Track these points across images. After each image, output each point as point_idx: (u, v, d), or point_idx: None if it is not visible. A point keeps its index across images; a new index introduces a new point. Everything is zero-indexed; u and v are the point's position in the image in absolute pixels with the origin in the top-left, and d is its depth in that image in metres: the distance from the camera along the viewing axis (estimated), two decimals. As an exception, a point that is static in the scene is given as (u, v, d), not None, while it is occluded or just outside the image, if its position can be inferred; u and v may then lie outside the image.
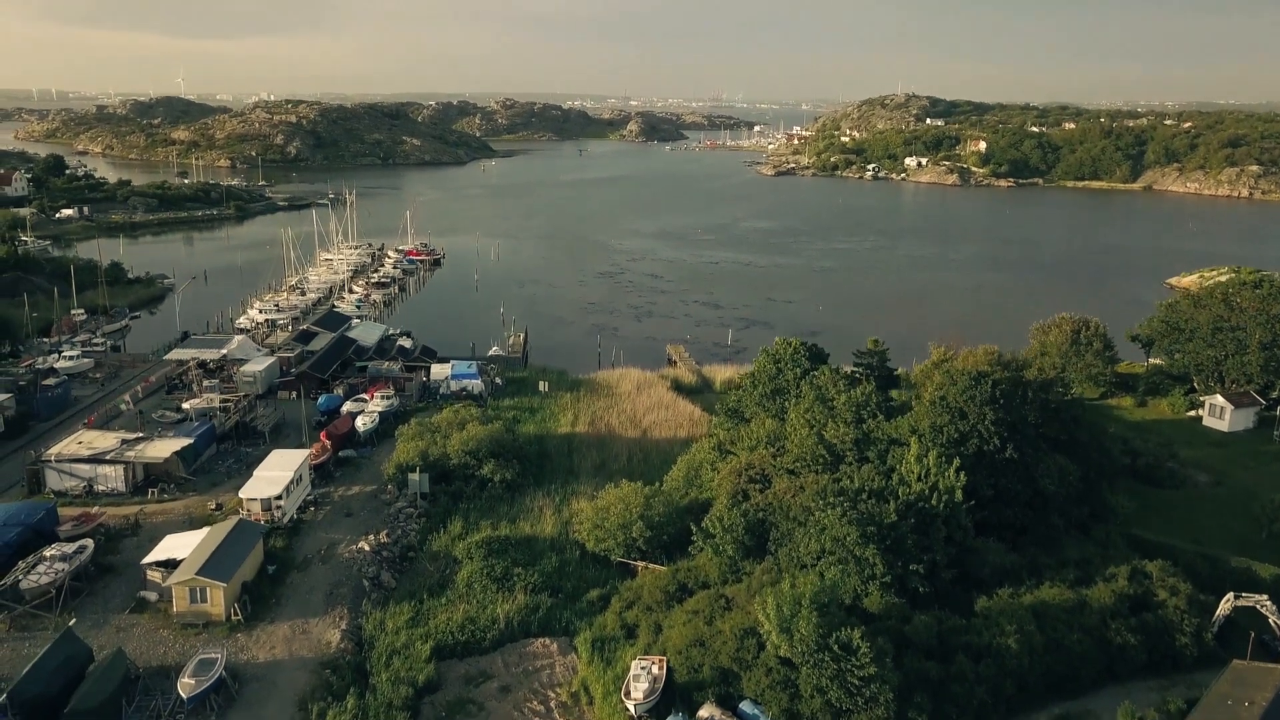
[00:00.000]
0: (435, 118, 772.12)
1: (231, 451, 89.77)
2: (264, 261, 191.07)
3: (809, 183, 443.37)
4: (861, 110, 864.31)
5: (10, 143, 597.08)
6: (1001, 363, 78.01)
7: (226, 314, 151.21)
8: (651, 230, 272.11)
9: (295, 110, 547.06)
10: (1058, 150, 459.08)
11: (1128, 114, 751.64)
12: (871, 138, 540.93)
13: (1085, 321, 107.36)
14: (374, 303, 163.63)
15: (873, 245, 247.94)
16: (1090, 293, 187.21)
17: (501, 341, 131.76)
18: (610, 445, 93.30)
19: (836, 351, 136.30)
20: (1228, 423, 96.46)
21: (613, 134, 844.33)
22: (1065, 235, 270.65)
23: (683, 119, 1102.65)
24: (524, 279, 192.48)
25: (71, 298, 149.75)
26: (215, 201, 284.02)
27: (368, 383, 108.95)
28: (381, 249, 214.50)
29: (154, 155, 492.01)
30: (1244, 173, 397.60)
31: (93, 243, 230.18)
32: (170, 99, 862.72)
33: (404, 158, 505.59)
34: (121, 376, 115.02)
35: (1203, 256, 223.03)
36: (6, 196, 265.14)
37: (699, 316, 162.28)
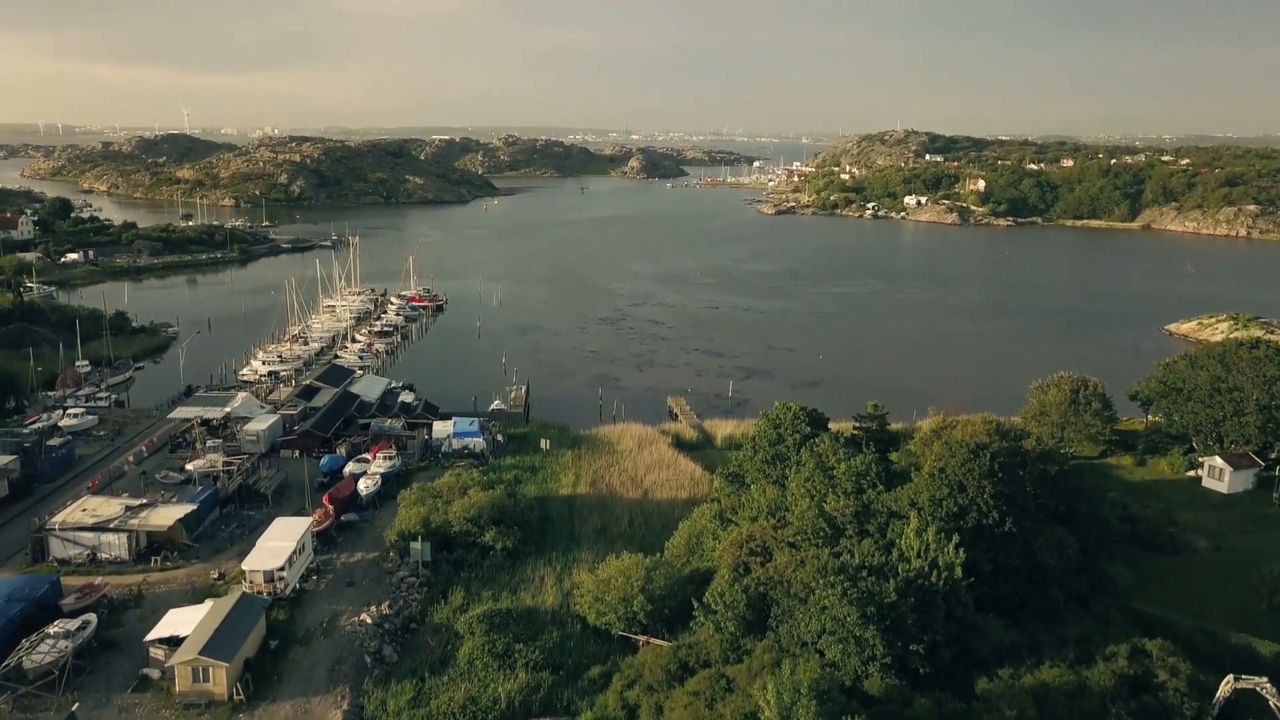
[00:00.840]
0: (438, 155, 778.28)
1: (234, 515, 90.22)
2: (267, 308, 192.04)
3: (809, 222, 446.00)
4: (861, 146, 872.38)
5: (16, 181, 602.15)
6: (1000, 432, 78.58)
7: (230, 364, 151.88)
8: (652, 272, 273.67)
9: (299, 149, 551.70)
10: (1056, 189, 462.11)
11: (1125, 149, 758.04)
12: (871, 175, 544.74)
13: (1084, 381, 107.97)
14: (376, 352, 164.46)
15: (872, 289, 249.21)
16: (1089, 339, 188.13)
17: (503, 395, 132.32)
18: (611, 507, 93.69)
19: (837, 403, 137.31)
20: (1227, 484, 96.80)
21: (614, 170, 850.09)
22: (1064, 278, 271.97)
23: (683, 154, 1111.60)
24: (526, 326, 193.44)
25: (76, 348, 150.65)
26: (219, 244, 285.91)
27: (370, 441, 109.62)
28: (384, 294, 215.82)
29: (159, 194, 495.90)
30: (1242, 212, 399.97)
31: (98, 288, 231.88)
32: (175, 135, 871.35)
33: (407, 196, 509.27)
34: (125, 433, 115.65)
35: (1201, 301, 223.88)
36: (13, 240, 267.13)
37: (699, 365, 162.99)
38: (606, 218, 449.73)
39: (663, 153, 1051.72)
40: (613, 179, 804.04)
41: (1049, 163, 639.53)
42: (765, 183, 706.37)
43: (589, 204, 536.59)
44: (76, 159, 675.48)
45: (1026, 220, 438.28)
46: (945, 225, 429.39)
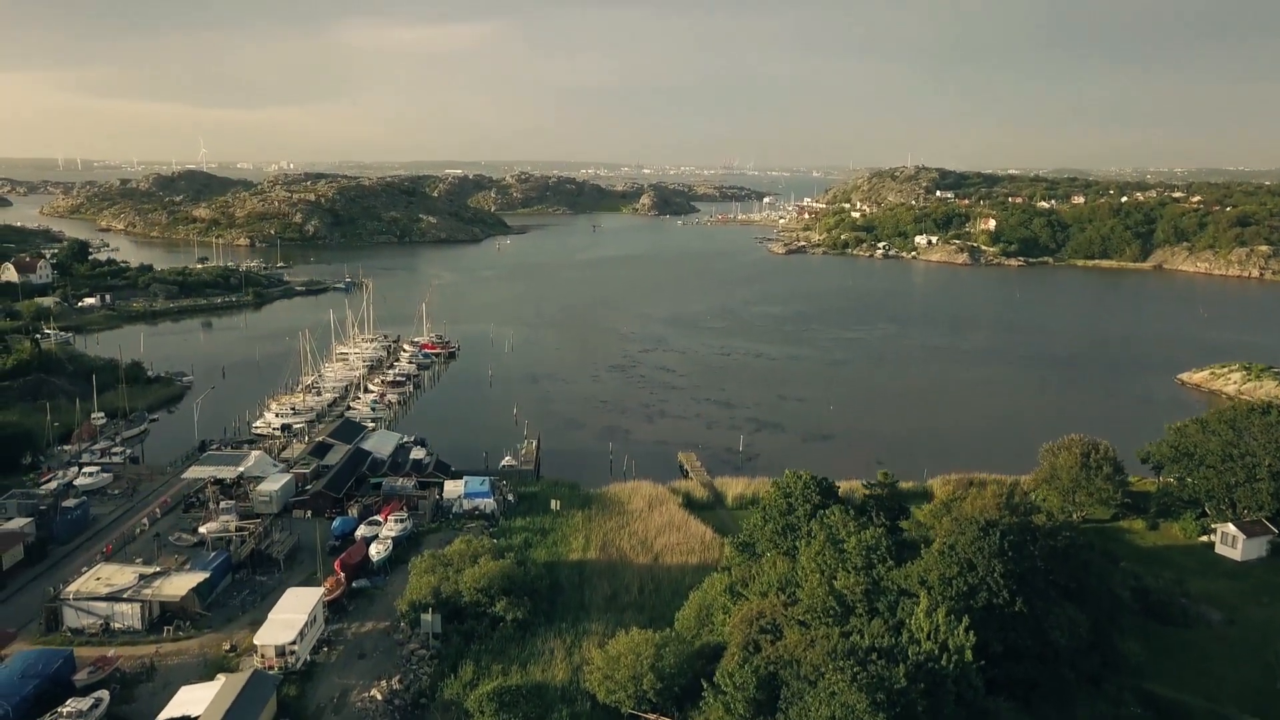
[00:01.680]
0: (451, 192, 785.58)
1: (247, 581, 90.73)
2: (281, 355, 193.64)
3: (820, 262, 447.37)
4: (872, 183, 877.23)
5: (36, 219, 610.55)
6: (1010, 505, 78.54)
7: (244, 417, 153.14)
8: (663, 315, 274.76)
9: (314, 188, 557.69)
10: (1067, 228, 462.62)
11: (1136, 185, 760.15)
12: (882, 214, 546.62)
13: (1094, 444, 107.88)
14: (389, 403, 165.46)
15: (883, 334, 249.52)
16: (1101, 389, 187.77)
17: (514, 451, 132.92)
18: (622, 573, 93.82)
19: (848, 458, 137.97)
20: (1240, 552, 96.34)
21: (625, 207, 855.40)
22: (1075, 323, 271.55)
23: (694, 190, 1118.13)
24: (538, 373, 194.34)
25: (92, 399, 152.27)
26: (234, 287, 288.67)
27: (382, 502, 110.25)
28: (397, 341, 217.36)
29: (175, 234, 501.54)
30: (1254, 253, 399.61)
31: (114, 333, 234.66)
32: (192, 172, 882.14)
33: (420, 235, 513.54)
34: (140, 491, 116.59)
35: (1213, 348, 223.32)
36: (32, 284, 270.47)
37: (710, 417, 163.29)
38: (618, 257, 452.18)
39: (674, 189, 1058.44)
40: (624, 216, 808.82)
41: (1060, 199, 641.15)
42: (776, 220, 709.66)
43: (601, 242, 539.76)
44: (95, 197, 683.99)
45: (1038, 260, 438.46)
46: (956, 265, 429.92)
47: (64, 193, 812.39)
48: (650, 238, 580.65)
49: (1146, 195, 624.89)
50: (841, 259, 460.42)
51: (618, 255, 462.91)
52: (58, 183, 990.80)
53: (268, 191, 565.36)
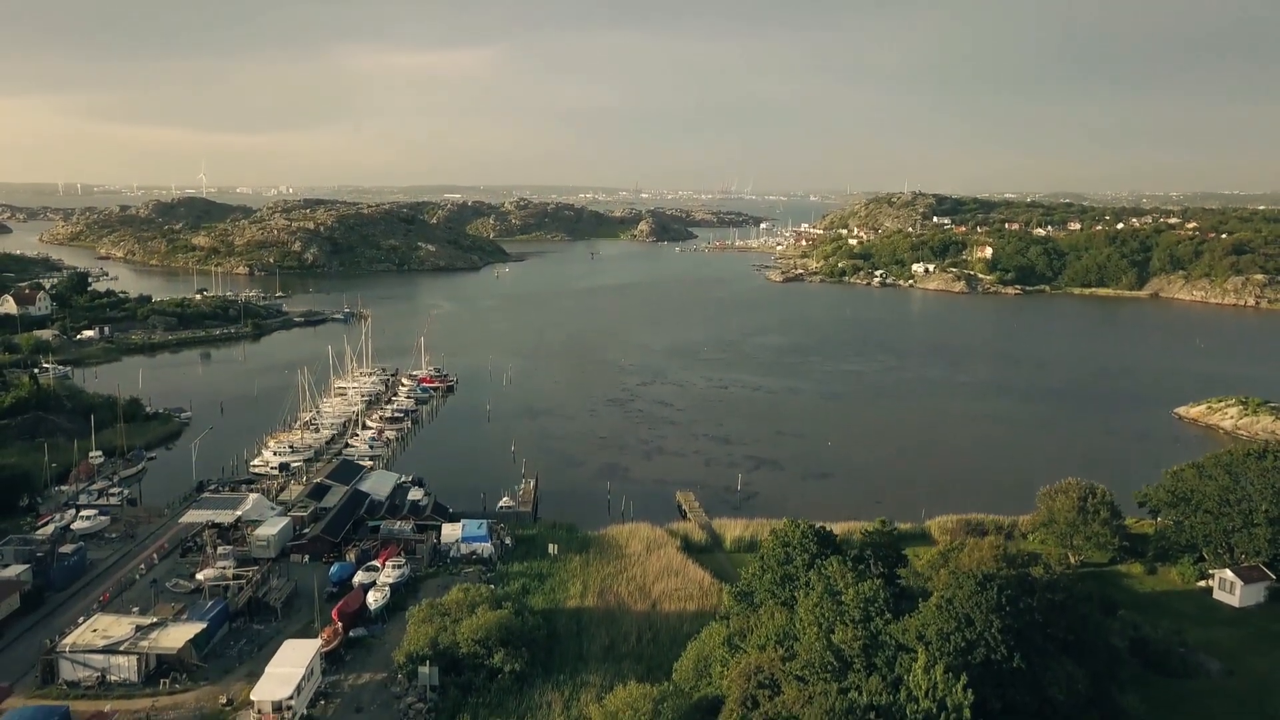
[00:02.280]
0: (450, 218, 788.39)
1: (244, 630, 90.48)
2: (279, 389, 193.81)
3: (817, 290, 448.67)
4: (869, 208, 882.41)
5: (36, 246, 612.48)
6: (1007, 558, 78.61)
7: (242, 456, 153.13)
8: (661, 346, 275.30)
9: (313, 216, 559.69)
10: (1064, 256, 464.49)
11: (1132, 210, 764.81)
12: (879, 242, 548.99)
13: (1092, 488, 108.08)
14: (387, 440, 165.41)
15: (881, 366, 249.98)
16: (1097, 424, 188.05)
17: (512, 492, 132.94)
18: (620, 621, 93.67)
19: (846, 497, 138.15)
20: (1238, 598, 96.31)
21: (624, 233, 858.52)
22: (1072, 354, 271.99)
23: (692, 215, 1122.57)
24: (536, 408, 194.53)
25: (90, 437, 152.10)
26: (233, 318, 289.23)
27: (380, 546, 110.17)
28: (395, 374, 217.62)
29: (174, 261, 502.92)
30: (1249, 281, 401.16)
31: (113, 366, 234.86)
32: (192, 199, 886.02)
33: (419, 264, 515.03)
34: (137, 535, 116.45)
35: (1210, 381, 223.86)
36: (30, 316, 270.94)
37: (708, 454, 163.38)
38: (616, 285, 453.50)
39: (671, 214, 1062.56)
40: (622, 242, 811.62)
41: (1056, 225, 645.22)
42: (774, 246, 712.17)
43: (599, 270, 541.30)
44: (94, 224, 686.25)
45: (1034, 289, 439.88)
46: (953, 294, 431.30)
47: (63, 219, 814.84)
48: (648, 265, 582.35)
49: (1142, 221, 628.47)
50: (839, 287, 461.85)
51: (616, 283, 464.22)
52: (57, 209, 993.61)
53: (267, 219, 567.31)
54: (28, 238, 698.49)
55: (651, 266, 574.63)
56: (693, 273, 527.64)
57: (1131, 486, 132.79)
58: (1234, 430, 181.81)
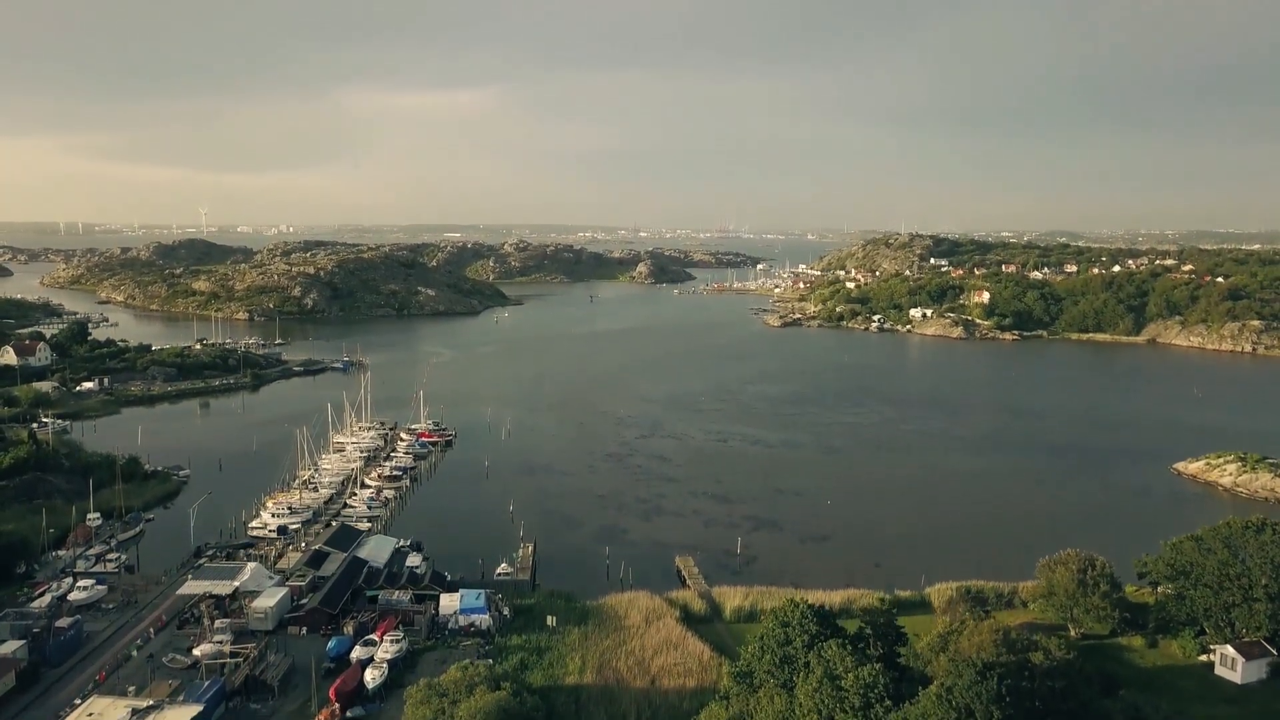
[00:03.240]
0: (450, 261, 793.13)
1: (241, 710, 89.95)
2: (278, 444, 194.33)
3: (815, 335, 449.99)
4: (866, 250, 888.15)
5: (37, 290, 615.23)
6: (1007, 641, 78.43)
7: (240, 517, 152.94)
8: (660, 396, 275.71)
9: (313, 260, 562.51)
10: (1060, 301, 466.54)
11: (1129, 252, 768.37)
12: (876, 286, 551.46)
13: (1091, 560, 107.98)
14: (385, 500, 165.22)
15: (880, 417, 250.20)
16: (1096, 481, 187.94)
17: (510, 558, 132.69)
18: (619, 699, 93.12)
19: (845, 560, 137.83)
20: (1240, 675, 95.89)
21: (622, 275, 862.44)
22: (1070, 405, 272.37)
23: (690, 256, 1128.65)
24: (534, 464, 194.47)
25: (88, 498, 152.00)
26: (232, 368, 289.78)
27: (377, 618, 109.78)
28: (394, 429, 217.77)
29: (175, 306, 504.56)
30: (1246, 328, 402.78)
31: (112, 419, 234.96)
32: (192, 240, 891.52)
33: (419, 308, 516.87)
34: (135, 604, 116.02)
35: (1208, 434, 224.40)
36: (30, 367, 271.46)
37: (707, 514, 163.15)
38: (615, 331, 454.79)
39: (670, 255, 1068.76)
40: (621, 284, 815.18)
41: (1053, 267, 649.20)
42: (771, 288, 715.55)
43: (597, 315, 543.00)
44: (95, 267, 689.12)
45: (1031, 334, 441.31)
46: (951, 340, 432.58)
47: (65, 261, 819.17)
48: (646, 309, 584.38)
49: (1138, 263, 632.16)
50: (837, 332, 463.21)
51: (614, 329, 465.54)
52: (59, 250, 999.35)
53: (267, 264, 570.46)
54: (29, 280, 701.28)
55: (649, 310, 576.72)
56: (691, 317, 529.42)
57: (1131, 549, 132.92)
58: (1233, 487, 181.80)
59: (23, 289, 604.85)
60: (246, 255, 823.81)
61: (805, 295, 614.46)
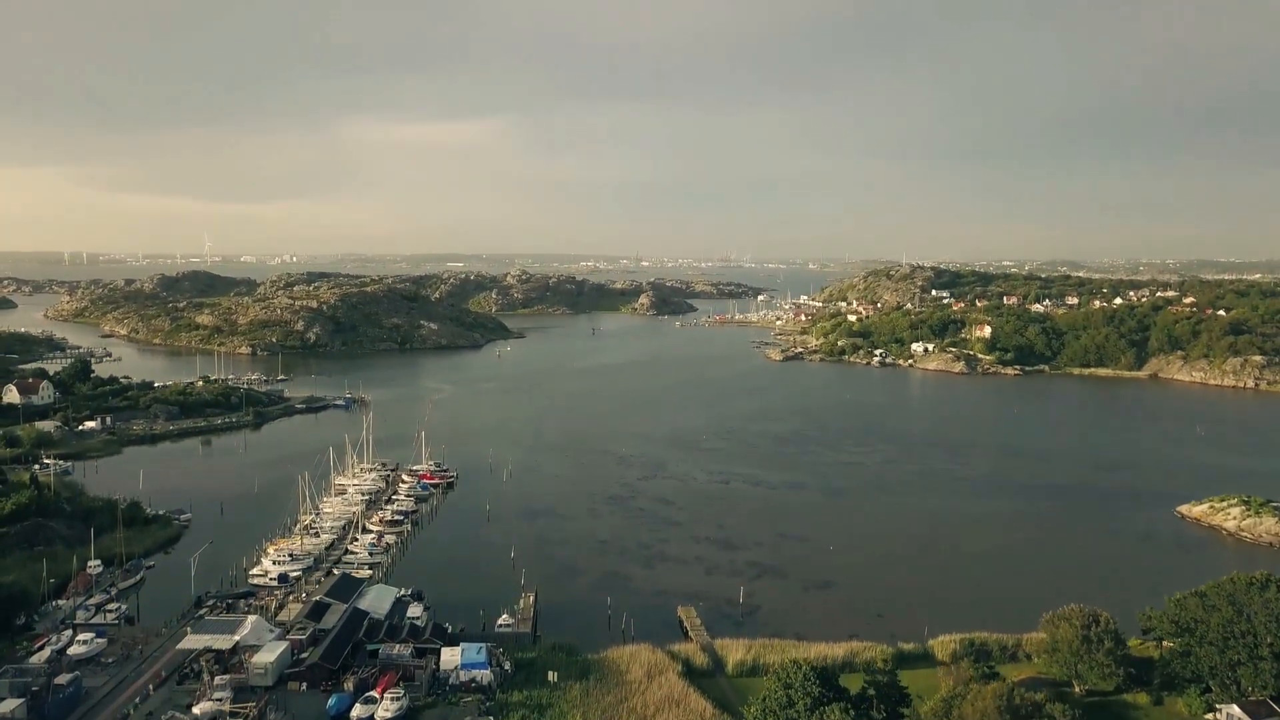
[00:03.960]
0: (453, 293, 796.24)
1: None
2: (280, 485, 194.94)
3: (817, 370, 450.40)
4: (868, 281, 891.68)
5: (40, 323, 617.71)
6: (1011, 708, 78.02)
7: (241, 565, 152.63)
8: (662, 434, 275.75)
9: (316, 294, 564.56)
10: (1062, 336, 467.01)
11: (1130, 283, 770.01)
12: (878, 319, 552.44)
13: (1095, 616, 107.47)
14: (387, 546, 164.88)
15: (882, 457, 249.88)
16: (1099, 526, 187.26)
17: (511, 609, 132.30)
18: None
19: (848, 610, 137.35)
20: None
21: (625, 307, 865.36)
22: (1073, 445, 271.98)
23: (692, 286, 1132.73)
24: (535, 508, 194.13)
25: (89, 545, 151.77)
26: (235, 406, 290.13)
27: (378, 673, 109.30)
28: (396, 470, 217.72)
29: (178, 340, 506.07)
30: (1248, 363, 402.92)
31: (114, 460, 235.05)
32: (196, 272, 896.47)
33: (421, 342, 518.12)
34: (135, 657, 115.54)
35: (1212, 474, 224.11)
36: (33, 405, 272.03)
37: (709, 561, 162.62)
38: (617, 364, 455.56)
39: (672, 286, 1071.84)
40: (623, 315, 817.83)
41: (1054, 299, 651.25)
42: (773, 320, 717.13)
43: (599, 348, 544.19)
44: (99, 300, 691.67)
45: (1033, 369, 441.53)
46: (953, 375, 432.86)
47: (69, 293, 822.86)
48: (649, 342, 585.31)
49: (1139, 294, 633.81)
50: (838, 366, 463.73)
51: (616, 362, 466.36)
52: (63, 282, 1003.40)
53: (270, 297, 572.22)
54: (33, 313, 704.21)
55: (651, 343, 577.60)
56: (692, 350, 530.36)
57: (1136, 598, 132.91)
58: (1237, 532, 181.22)
59: (27, 322, 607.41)
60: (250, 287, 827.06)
61: (807, 328, 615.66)
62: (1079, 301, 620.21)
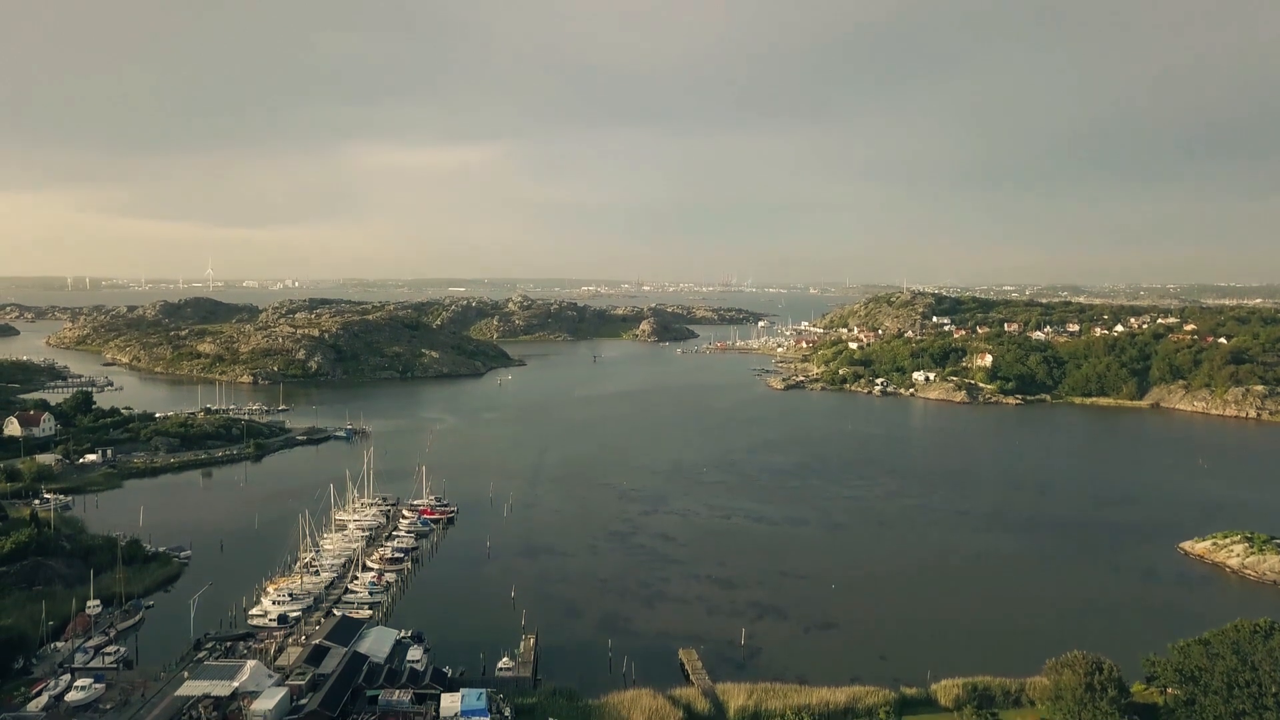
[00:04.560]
0: (455, 319, 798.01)
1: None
2: (280, 521, 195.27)
3: (818, 399, 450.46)
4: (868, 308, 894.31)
5: (42, 350, 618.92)
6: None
7: (240, 605, 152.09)
8: (663, 467, 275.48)
9: (318, 322, 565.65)
10: (1063, 364, 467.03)
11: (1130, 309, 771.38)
12: (879, 347, 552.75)
13: (1098, 664, 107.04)
14: (387, 584, 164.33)
15: (884, 491, 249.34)
16: (1101, 563, 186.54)
17: (511, 653, 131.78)
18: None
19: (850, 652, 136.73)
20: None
21: (626, 333, 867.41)
22: (1075, 478, 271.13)
23: (693, 312, 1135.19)
24: (535, 545, 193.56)
25: (89, 584, 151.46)
26: (235, 438, 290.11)
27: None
28: (396, 505, 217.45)
29: (179, 369, 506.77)
30: (1249, 392, 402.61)
31: (114, 494, 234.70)
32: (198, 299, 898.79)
33: (423, 370, 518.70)
34: (134, 703, 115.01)
35: (1214, 509, 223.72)
36: (34, 438, 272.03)
37: (710, 600, 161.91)
38: (617, 394, 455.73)
39: (673, 312, 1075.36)
40: (624, 342, 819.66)
41: (1055, 325, 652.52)
42: (774, 348, 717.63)
43: (600, 376, 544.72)
44: (101, 328, 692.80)
45: (1035, 398, 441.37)
46: (954, 404, 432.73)
47: (70, 320, 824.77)
48: (650, 370, 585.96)
49: (1140, 320, 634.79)
50: (840, 395, 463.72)
51: (617, 391, 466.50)
52: (65, 308, 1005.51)
53: (272, 326, 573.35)
54: (35, 340, 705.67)
55: (653, 371, 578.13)
56: (693, 378, 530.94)
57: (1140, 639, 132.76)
58: (1240, 569, 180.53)
59: (29, 349, 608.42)
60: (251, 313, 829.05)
61: (808, 355, 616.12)
62: (1080, 329, 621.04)
